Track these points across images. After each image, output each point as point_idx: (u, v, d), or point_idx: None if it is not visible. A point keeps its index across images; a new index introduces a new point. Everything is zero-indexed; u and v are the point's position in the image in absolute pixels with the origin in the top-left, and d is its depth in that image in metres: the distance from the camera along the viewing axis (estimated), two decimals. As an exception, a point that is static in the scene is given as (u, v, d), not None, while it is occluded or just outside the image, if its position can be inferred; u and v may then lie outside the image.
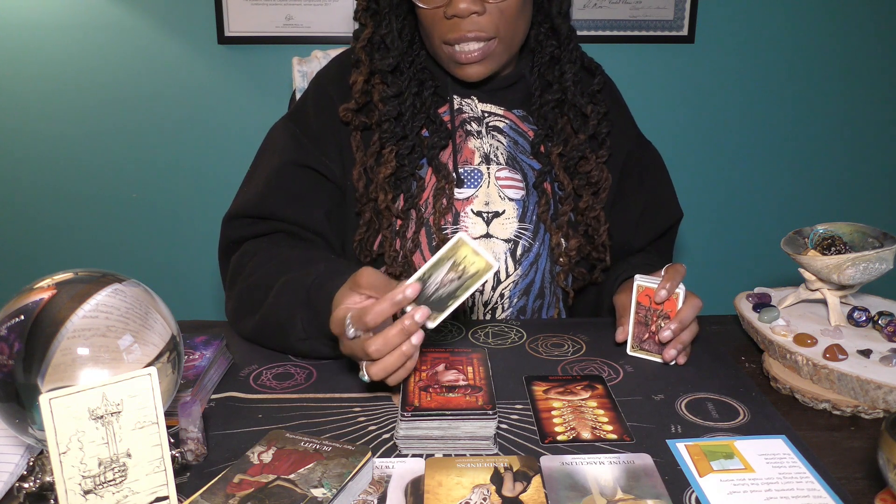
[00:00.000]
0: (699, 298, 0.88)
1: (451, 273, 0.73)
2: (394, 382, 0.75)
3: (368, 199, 1.03)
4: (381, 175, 1.01)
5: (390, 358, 0.72)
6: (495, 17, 0.96)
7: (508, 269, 1.05)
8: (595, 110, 1.06)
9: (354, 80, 1.04)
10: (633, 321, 0.90)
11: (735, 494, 0.63)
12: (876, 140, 2.20)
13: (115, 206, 2.11)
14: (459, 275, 0.73)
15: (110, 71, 2.00)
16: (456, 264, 0.73)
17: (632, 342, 0.91)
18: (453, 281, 0.73)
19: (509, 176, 1.06)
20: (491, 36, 0.97)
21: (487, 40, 0.98)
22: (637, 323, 0.90)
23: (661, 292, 0.86)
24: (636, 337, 0.90)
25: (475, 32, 0.96)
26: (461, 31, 0.96)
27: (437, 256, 0.73)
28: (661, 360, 0.88)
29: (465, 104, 1.08)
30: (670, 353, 0.86)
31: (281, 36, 1.97)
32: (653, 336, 0.88)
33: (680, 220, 1.21)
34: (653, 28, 2.03)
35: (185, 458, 0.66)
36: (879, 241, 0.92)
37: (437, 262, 0.73)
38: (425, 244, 1.04)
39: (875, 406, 0.78)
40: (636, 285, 0.89)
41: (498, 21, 0.97)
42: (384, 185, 1.01)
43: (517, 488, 0.63)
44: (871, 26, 2.09)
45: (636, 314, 0.89)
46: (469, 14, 0.95)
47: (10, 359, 0.58)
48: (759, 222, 2.24)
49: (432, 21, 0.99)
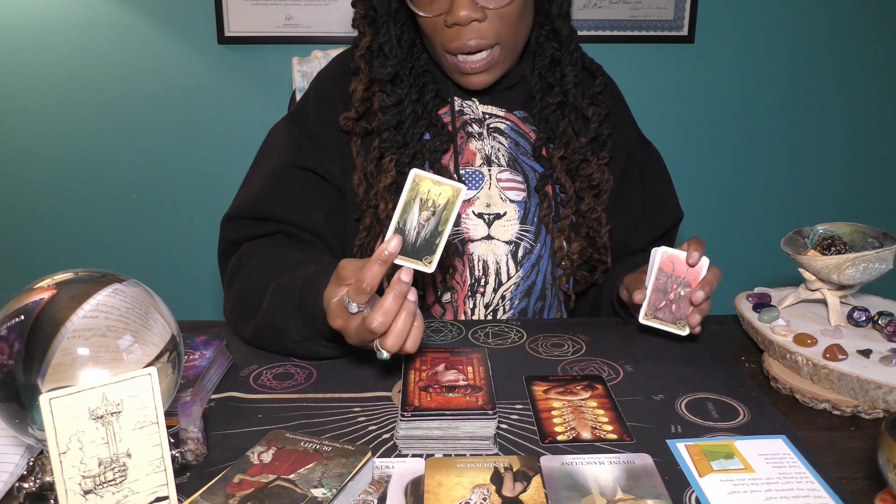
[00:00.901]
0: (719, 269, 0.89)
1: (423, 212, 0.72)
2: (412, 348, 0.74)
3: (368, 205, 1.03)
4: (381, 184, 1.01)
5: (397, 323, 0.72)
6: (496, 24, 0.96)
7: (510, 270, 1.05)
8: (596, 112, 1.06)
9: (354, 88, 1.03)
10: (652, 287, 0.90)
11: (735, 494, 0.63)
12: (876, 140, 2.20)
13: (115, 206, 2.11)
14: (432, 210, 0.72)
15: (110, 71, 2.00)
16: (424, 201, 0.72)
17: (647, 309, 0.90)
18: (429, 219, 0.72)
19: (511, 178, 1.06)
20: (493, 43, 0.97)
21: (490, 47, 0.98)
22: (655, 290, 0.90)
23: (695, 254, 0.87)
24: (652, 304, 0.90)
25: (476, 40, 0.96)
26: (462, 38, 0.96)
27: (402, 201, 0.72)
28: (673, 331, 0.89)
29: (466, 106, 1.08)
30: (695, 319, 0.88)
31: (281, 36, 1.97)
32: (670, 304, 0.89)
33: (680, 221, 1.21)
34: (653, 28, 2.03)
35: (185, 458, 0.66)
36: (879, 241, 0.92)
37: (404, 206, 0.72)
38: None
39: (875, 406, 0.78)
40: (661, 253, 0.89)
41: (499, 27, 0.97)
42: (384, 195, 1.01)
43: (517, 488, 0.63)
44: (871, 26, 2.09)
45: (656, 280, 0.89)
46: (469, 21, 0.95)
47: (10, 359, 0.58)
48: (759, 222, 2.24)
49: (433, 29, 0.99)
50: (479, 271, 1.04)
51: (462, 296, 1.05)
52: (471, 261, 1.04)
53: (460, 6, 0.94)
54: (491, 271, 1.04)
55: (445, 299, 1.05)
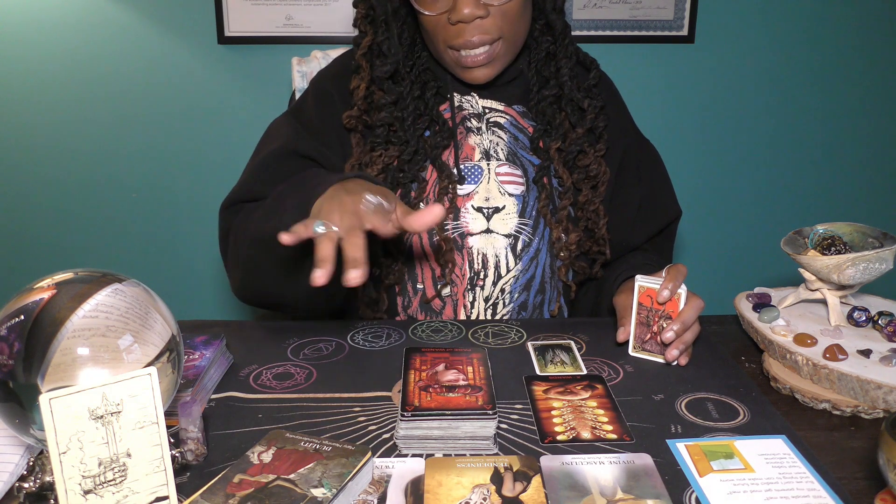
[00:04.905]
0: (701, 299, 0.88)
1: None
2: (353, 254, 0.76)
3: None
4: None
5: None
6: (498, 20, 0.97)
7: (509, 264, 1.05)
8: (591, 104, 1.07)
9: (356, 85, 1.04)
10: (635, 322, 0.90)
11: (735, 494, 0.63)
12: (876, 140, 2.20)
13: (116, 205, 2.10)
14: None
15: (110, 71, 2.00)
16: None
17: (633, 342, 0.91)
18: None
19: (509, 171, 1.06)
20: (496, 38, 0.98)
21: (492, 42, 0.98)
22: (639, 324, 0.90)
23: (664, 293, 0.86)
24: (638, 337, 0.90)
25: (479, 36, 0.97)
26: (466, 35, 0.97)
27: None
28: (663, 361, 0.88)
29: (466, 101, 1.09)
30: (672, 354, 0.86)
31: (281, 36, 1.97)
32: (654, 336, 0.88)
33: (678, 218, 1.21)
34: (653, 28, 2.03)
35: (185, 458, 0.66)
36: (879, 241, 0.92)
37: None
38: (426, 240, 1.04)
39: (875, 406, 0.78)
40: (637, 286, 0.89)
41: (501, 23, 0.98)
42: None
43: (517, 488, 0.63)
44: (871, 26, 2.09)
45: (638, 315, 0.89)
46: (473, 19, 0.96)
47: (10, 359, 0.58)
48: (759, 222, 2.24)
49: (436, 26, 0.99)
50: (479, 265, 1.05)
51: (462, 289, 1.05)
52: (470, 254, 1.04)
53: (464, 3, 0.95)
54: (490, 265, 1.05)
55: (445, 293, 1.05)
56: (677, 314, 0.86)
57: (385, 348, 0.93)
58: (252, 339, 0.96)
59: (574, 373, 0.85)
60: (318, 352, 0.92)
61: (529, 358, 0.89)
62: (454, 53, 1.00)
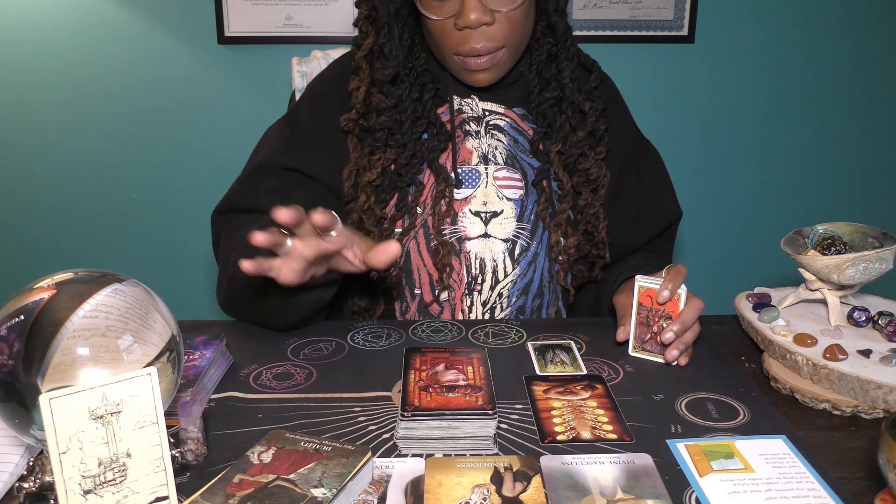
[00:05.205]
0: (700, 299, 0.88)
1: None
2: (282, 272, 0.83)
3: (353, 198, 1.05)
4: (365, 179, 1.03)
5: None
6: (504, 27, 0.98)
7: (507, 268, 1.05)
8: (592, 107, 1.07)
9: (355, 87, 1.04)
10: (635, 322, 0.90)
11: (735, 494, 0.63)
12: (876, 140, 2.20)
13: (115, 206, 2.10)
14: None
15: (110, 71, 2.00)
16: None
17: (633, 343, 0.91)
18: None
19: (508, 175, 1.06)
20: (500, 45, 0.99)
21: (496, 50, 0.99)
22: (639, 324, 0.90)
23: (664, 293, 0.86)
24: (638, 338, 0.90)
25: (484, 43, 0.97)
26: (471, 42, 0.97)
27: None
28: (663, 361, 0.88)
29: (466, 104, 1.08)
30: (672, 354, 0.86)
31: (281, 36, 1.97)
32: (654, 337, 0.88)
33: (679, 219, 1.21)
34: (653, 28, 2.03)
35: (185, 458, 0.66)
36: (879, 241, 0.92)
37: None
38: (423, 245, 1.04)
39: (875, 406, 0.78)
40: (637, 286, 0.89)
41: (507, 31, 0.98)
42: (366, 188, 1.03)
43: (517, 488, 0.63)
44: (871, 26, 2.09)
45: (637, 315, 0.89)
46: (480, 25, 0.96)
47: (10, 359, 0.58)
48: (759, 222, 2.24)
49: (441, 31, 1.00)
50: (476, 269, 1.04)
51: (459, 294, 1.05)
52: (467, 259, 1.04)
53: (471, 9, 0.94)
54: (488, 269, 1.05)
55: (443, 298, 1.05)
56: (677, 314, 0.86)
57: (385, 348, 0.93)
58: (252, 339, 0.96)
59: (574, 373, 0.85)
60: (318, 352, 0.92)
61: (529, 358, 0.89)
62: (459, 59, 1.01)
